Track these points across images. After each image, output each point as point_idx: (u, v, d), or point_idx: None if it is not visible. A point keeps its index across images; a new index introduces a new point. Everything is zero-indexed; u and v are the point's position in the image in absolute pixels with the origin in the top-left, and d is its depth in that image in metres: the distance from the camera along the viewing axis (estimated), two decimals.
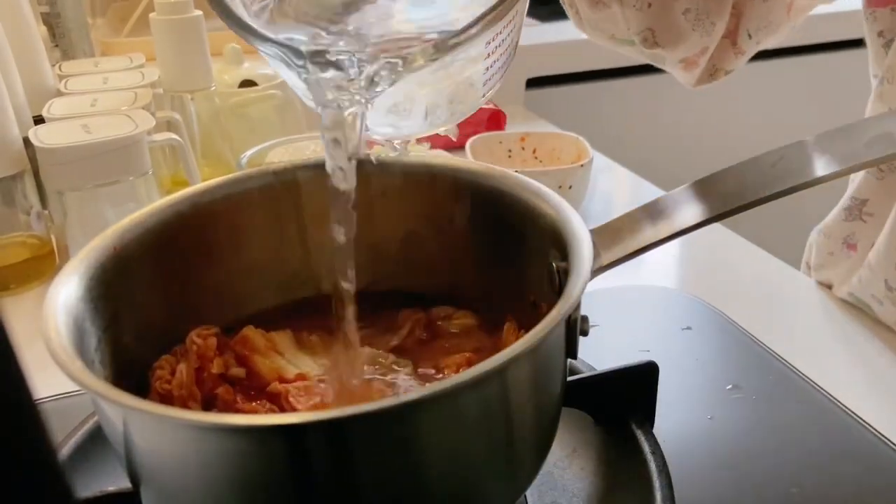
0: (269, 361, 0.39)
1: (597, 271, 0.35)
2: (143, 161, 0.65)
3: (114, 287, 0.37)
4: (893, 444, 0.45)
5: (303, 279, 0.43)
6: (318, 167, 0.38)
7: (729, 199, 0.37)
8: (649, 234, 0.37)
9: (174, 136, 0.71)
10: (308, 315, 0.42)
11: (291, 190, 0.41)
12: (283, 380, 0.38)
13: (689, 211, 0.38)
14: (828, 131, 0.38)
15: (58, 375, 0.29)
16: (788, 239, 0.81)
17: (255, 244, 0.42)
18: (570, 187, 0.77)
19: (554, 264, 0.37)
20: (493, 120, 1.01)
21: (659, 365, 0.42)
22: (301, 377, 0.38)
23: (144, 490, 0.32)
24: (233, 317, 0.42)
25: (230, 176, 0.41)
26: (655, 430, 0.42)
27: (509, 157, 0.86)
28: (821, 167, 0.37)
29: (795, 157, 0.38)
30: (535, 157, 0.85)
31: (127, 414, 0.29)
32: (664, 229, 0.37)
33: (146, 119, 0.66)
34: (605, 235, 0.38)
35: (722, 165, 0.40)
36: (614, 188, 0.89)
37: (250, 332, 0.40)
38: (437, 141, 0.93)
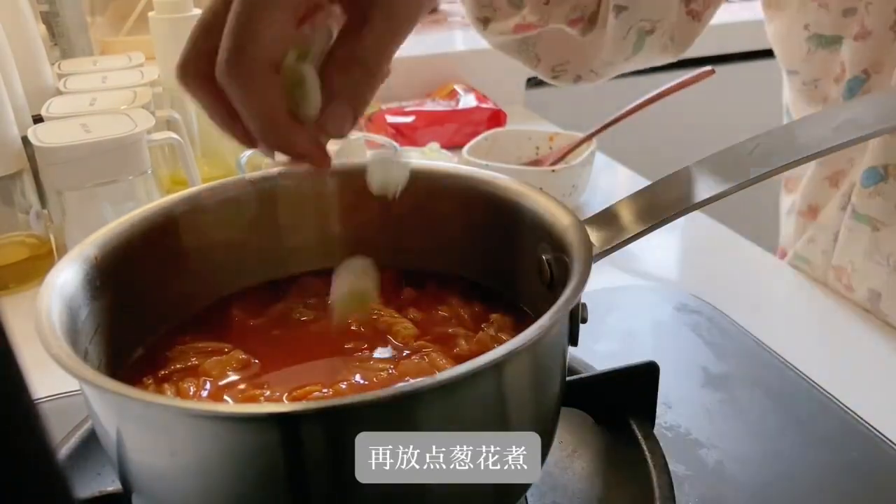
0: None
1: (595, 258, 0.36)
2: (143, 160, 0.65)
3: (107, 281, 0.37)
4: (889, 439, 0.45)
5: (273, 264, 0.46)
6: (288, 175, 0.44)
7: (712, 185, 0.39)
8: (640, 221, 0.39)
9: (173, 135, 0.71)
10: (276, 292, 0.45)
11: (266, 194, 0.45)
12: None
13: (677, 197, 0.39)
14: (798, 119, 0.40)
15: (56, 376, 0.29)
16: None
17: (239, 238, 0.45)
18: (574, 186, 0.77)
19: (544, 257, 0.38)
20: (494, 119, 1.01)
21: (659, 365, 0.42)
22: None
23: (134, 485, 0.32)
24: (216, 298, 0.44)
25: (215, 182, 0.44)
26: (655, 430, 0.42)
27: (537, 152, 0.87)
28: (795, 152, 0.38)
29: (771, 143, 0.39)
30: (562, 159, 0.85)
31: (118, 401, 0.29)
32: (654, 215, 0.38)
33: (145, 118, 0.66)
34: (598, 224, 0.39)
35: None
36: (614, 187, 0.89)
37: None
38: (442, 141, 0.94)
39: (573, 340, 0.36)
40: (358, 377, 0.37)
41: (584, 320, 0.36)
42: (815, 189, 0.65)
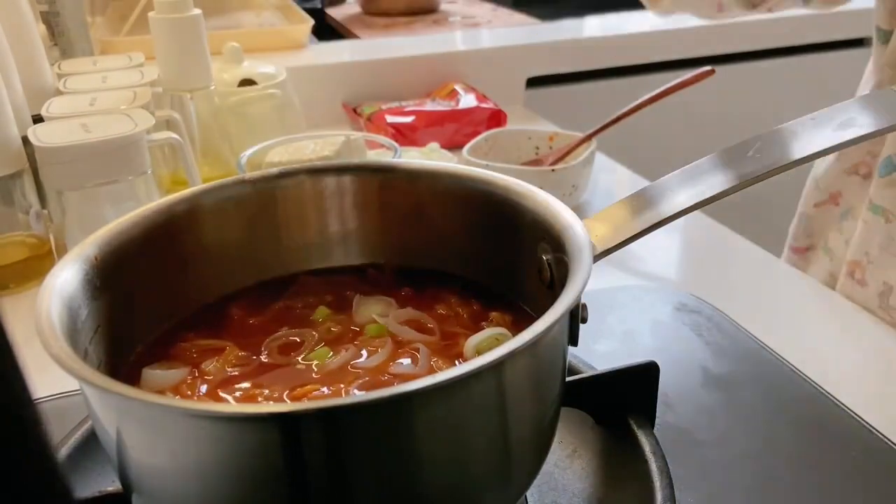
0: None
1: (595, 258, 0.36)
2: (143, 160, 0.65)
3: (107, 281, 0.37)
4: (889, 440, 0.45)
5: (273, 263, 0.46)
6: (288, 175, 0.45)
7: (713, 185, 0.39)
8: (640, 221, 0.38)
9: (173, 135, 0.71)
10: (274, 291, 0.45)
11: (266, 194, 0.45)
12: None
13: (677, 197, 0.39)
14: (798, 119, 0.40)
15: (56, 376, 0.29)
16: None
17: (239, 238, 0.45)
18: (574, 186, 0.77)
19: (544, 257, 0.38)
20: (494, 119, 1.01)
21: (659, 365, 0.42)
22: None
23: (134, 485, 0.32)
24: (216, 297, 0.44)
25: (215, 182, 0.44)
26: (655, 430, 0.42)
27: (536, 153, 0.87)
28: (795, 151, 0.39)
29: (771, 143, 0.39)
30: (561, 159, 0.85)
31: (118, 401, 0.29)
32: (654, 215, 0.39)
33: (145, 118, 0.66)
34: (598, 224, 0.39)
35: None
36: (614, 187, 0.89)
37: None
38: (442, 141, 0.94)
39: (573, 340, 0.36)
40: (357, 377, 0.37)
41: (584, 320, 0.36)
42: (836, 180, 0.64)
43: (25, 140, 0.65)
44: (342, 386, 0.36)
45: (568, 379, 0.37)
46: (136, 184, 0.65)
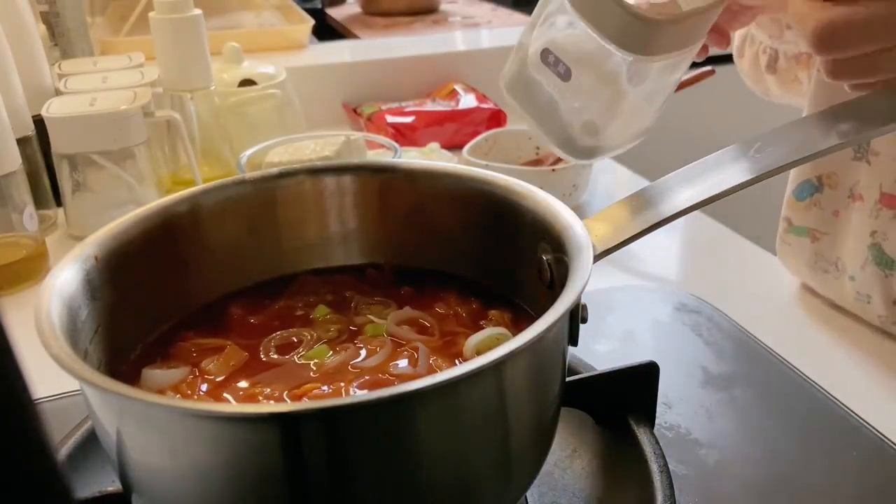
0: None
1: (595, 258, 0.36)
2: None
3: (108, 281, 0.37)
4: (889, 440, 0.45)
5: (273, 263, 0.46)
6: (288, 175, 0.45)
7: (713, 185, 0.39)
8: (640, 221, 0.38)
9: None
10: (274, 291, 0.45)
11: (266, 194, 0.45)
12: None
13: (678, 197, 0.39)
14: (798, 119, 0.40)
15: (56, 376, 0.29)
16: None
17: (239, 238, 0.45)
18: (574, 186, 0.77)
19: (544, 257, 0.38)
20: (494, 119, 1.01)
21: (659, 365, 0.42)
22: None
23: (134, 485, 0.32)
24: (216, 296, 0.44)
25: (215, 182, 0.44)
26: (655, 430, 0.42)
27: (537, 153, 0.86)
28: (795, 151, 0.39)
29: (771, 143, 0.40)
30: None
31: (118, 401, 0.29)
32: (654, 215, 0.39)
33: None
34: (598, 224, 0.39)
35: None
36: (614, 187, 0.89)
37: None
38: (442, 141, 0.94)
39: (573, 340, 0.36)
40: (357, 376, 0.37)
41: (584, 320, 0.36)
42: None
43: (24, 140, 0.65)
44: (342, 385, 0.36)
45: (568, 379, 0.37)
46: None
